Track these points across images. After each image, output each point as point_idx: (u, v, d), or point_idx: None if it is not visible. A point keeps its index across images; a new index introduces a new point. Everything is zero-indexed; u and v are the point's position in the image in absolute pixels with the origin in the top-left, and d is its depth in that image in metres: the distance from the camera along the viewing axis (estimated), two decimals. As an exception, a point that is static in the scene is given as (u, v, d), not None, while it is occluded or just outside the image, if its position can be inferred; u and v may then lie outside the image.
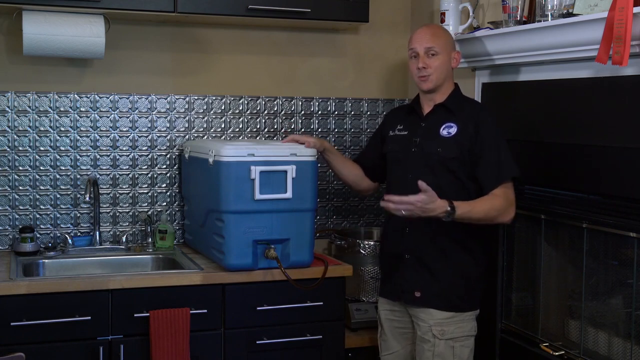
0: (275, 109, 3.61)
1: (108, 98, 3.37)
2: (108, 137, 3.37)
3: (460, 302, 2.71)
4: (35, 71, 3.27)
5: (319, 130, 3.68)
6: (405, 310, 2.81)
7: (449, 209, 2.51)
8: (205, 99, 3.51)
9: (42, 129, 3.28)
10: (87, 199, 3.23)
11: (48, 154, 3.30)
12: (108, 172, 3.38)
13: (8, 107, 3.24)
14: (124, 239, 3.36)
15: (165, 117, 3.45)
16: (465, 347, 2.72)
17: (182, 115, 3.47)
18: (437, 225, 2.64)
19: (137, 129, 3.41)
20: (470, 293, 2.74)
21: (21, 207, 3.28)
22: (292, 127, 3.63)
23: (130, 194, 3.42)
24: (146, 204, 3.45)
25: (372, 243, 3.30)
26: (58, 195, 3.32)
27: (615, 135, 2.44)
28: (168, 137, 3.46)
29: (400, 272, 2.77)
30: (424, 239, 2.71)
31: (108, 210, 3.39)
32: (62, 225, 3.33)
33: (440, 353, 2.67)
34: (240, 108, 3.56)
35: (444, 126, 2.73)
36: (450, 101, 2.77)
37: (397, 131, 2.87)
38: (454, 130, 2.70)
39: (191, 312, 2.84)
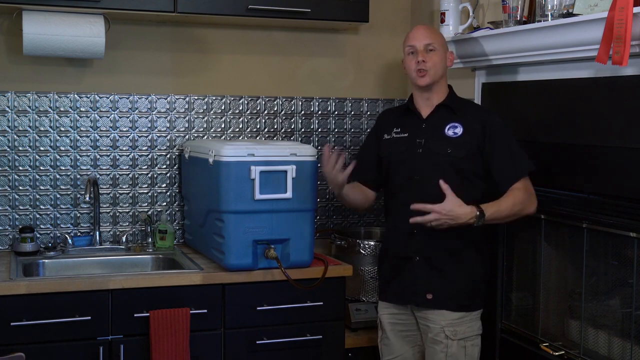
0: (275, 109, 3.61)
1: (108, 98, 3.37)
2: (108, 137, 3.37)
3: (470, 302, 2.72)
4: (35, 71, 3.27)
5: (319, 130, 3.68)
6: (411, 313, 2.80)
7: (477, 213, 2.52)
8: (205, 99, 3.51)
9: (42, 129, 3.28)
10: (87, 199, 3.23)
11: (48, 154, 3.30)
12: (108, 172, 3.38)
13: (8, 107, 3.24)
14: (124, 239, 3.36)
15: (165, 117, 3.45)
16: (475, 345, 2.73)
17: (182, 115, 3.47)
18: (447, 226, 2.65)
19: (137, 129, 3.41)
20: (478, 292, 2.76)
21: (21, 207, 3.28)
22: (292, 127, 3.63)
23: (130, 194, 3.42)
24: (146, 204, 3.45)
25: (372, 243, 3.30)
26: (58, 195, 3.32)
27: (615, 135, 2.44)
28: (168, 137, 3.46)
29: (409, 275, 2.75)
30: (434, 240, 2.69)
31: (108, 210, 3.39)
32: (62, 225, 3.33)
33: (453, 354, 2.67)
34: (240, 108, 3.56)
35: (448, 126, 2.72)
36: (451, 101, 2.77)
37: (394, 134, 2.83)
38: (459, 130, 2.70)
39: (191, 312, 2.84)
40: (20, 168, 3.27)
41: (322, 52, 3.67)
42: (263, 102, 3.59)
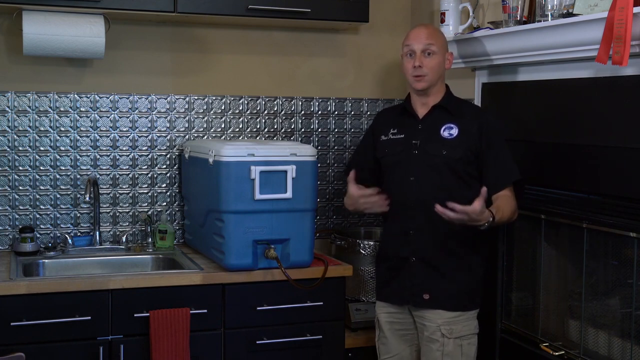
0: (275, 109, 3.61)
1: (108, 98, 3.37)
2: (108, 137, 3.37)
3: (468, 301, 2.73)
4: (35, 71, 3.27)
5: (319, 130, 3.68)
6: (408, 312, 2.80)
7: (491, 219, 2.52)
8: (205, 99, 3.51)
9: (42, 129, 3.28)
10: (87, 199, 3.23)
11: (48, 154, 3.30)
12: (108, 172, 3.38)
13: (8, 107, 3.24)
14: (124, 239, 3.36)
15: (165, 117, 3.45)
16: (472, 344, 2.73)
17: (182, 115, 3.47)
18: (445, 227, 2.64)
19: (137, 129, 3.41)
20: (476, 292, 2.76)
21: (21, 207, 3.28)
22: (292, 127, 3.63)
23: (130, 194, 3.42)
24: (146, 204, 3.45)
25: (372, 243, 3.30)
26: (58, 195, 3.32)
27: (615, 135, 2.44)
28: (168, 137, 3.46)
29: (406, 275, 2.75)
30: (432, 241, 2.70)
31: (108, 210, 3.39)
32: (62, 225, 3.33)
33: (449, 352, 2.67)
34: (240, 108, 3.56)
35: (444, 127, 2.72)
36: (447, 102, 2.77)
37: (390, 135, 2.83)
38: (455, 131, 2.70)
39: (191, 312, 2.84)
40: (20, 168, 3.27)
41: (322, 52, 3.67)
42: (263, 102, 3.59)
